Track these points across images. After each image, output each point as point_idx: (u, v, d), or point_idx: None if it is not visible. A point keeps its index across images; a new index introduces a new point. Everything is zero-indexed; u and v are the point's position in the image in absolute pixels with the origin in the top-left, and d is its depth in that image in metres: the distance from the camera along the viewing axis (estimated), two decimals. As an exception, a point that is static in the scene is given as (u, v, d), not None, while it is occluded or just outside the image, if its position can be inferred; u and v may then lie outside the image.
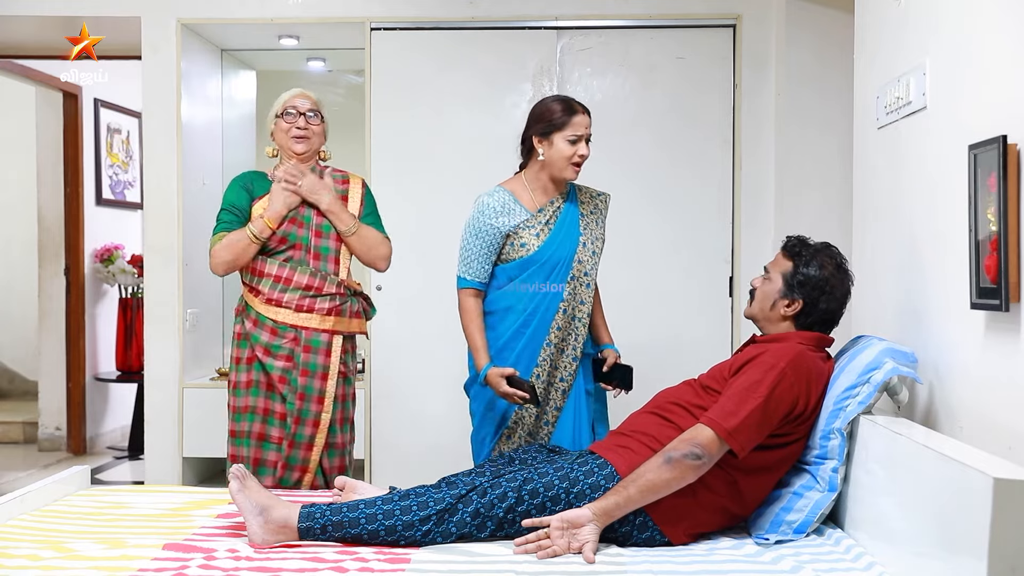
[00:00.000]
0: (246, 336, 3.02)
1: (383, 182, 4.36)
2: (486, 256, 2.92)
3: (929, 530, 1.90)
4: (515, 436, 2.94)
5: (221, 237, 2.97)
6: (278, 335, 2.99)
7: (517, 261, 2.91)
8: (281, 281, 2.99)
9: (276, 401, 3.01)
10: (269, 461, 3.01)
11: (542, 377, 2.91)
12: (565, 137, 2.87)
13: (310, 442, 2.98)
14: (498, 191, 2.96)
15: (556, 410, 2.94)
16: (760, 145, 4.29)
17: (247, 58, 5.15)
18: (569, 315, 2.92)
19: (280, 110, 3.04)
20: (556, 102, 2.92)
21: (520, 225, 2.91)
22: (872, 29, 2.92)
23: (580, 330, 2.94)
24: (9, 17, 4.53)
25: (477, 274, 2.93)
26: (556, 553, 2.18)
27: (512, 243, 2.91)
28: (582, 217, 2.98)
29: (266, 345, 2.98)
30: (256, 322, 3.00)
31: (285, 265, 2.99)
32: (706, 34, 4.35)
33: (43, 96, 5.89)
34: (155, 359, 4.51)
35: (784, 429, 2.36)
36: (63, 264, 5.89)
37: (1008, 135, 1.94)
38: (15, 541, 2.24)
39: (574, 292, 2.92)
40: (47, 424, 5.95)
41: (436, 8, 4.38)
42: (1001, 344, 2.04)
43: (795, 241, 2.58)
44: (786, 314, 2.52)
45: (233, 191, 3.04)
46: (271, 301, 2.98)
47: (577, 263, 2.93)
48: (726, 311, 4.33)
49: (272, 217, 2.95)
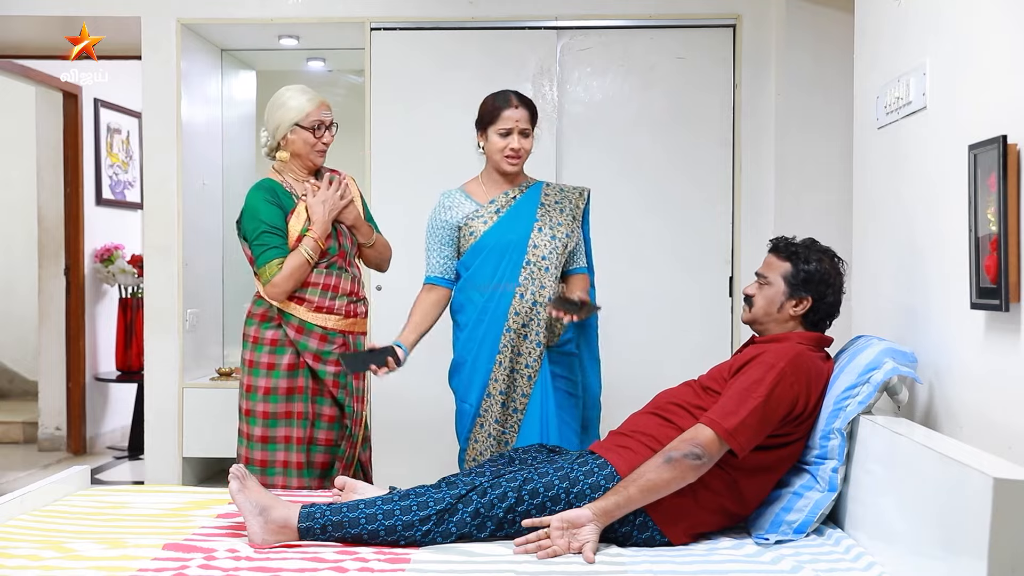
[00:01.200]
0: (286, 343, 3.00)
1: (383, 182, 4.36)
2: (441, 250, 3.04)
3: (929, 530, 1.90)
4: (486, 425, 2.96)
5: (278, 264, 2.92)
6: (328, 341, 3.00)
7: (469, 249, 3.00)
8: (330, 288, 3.00)
9: (324, 404, 3.03)
10: (316, 463, 3.05)
11: (504, 364, 2.94)
12: (496, 131, 2.97)
13: (356, 440, 3.09)
14: (452, 190, 3.11)
15: (523, 397, 2.96)
16: (760, 145, 4.29)
17: (247, 58, 5.15)
18: (528, 301, 2.93)
19: (305, 122, 2.98)
20: (492, 96, 3.02)
21: (470, 215, 3.01)
22: (872, 29, 2.92)
23: (542, 315, 2.95)
24: (9, 17, 4.53)
25: (434, 268, 3.05)
26: (556, 553, 2.18)
27: (464, 235, 3.02)
28: (540, 206, 3.03)
29: (316, 352, 2.99)
30: (301, 330, 2.98)
31: (331, 272, 3.01)
32: (706, 34, 4.34)
33: (43, 96, 5.89)
34: (155, 359, 4.51)
35: (784, 429, 2.36)
36: (63, 264, 5.89)
37: (1008, 135, 1.94)
38: (15, 541, 2.24)
39: (531, 276, 2.95)
40: (47, 424, 5.94)
41: (436, 8, 4.38)
42: (1001, 344, 2.04)
43: (783, 241, 2.60)
44: (795, 313, 2.53)
45: (266, 209, 2.96)
46: (321, 309, 2.99)
47: (532, 247, 2.96)
48: (726, 311, 4.33)
49: (322, 237, 2.96)
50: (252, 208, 2.98)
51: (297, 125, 2.99)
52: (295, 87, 3.07)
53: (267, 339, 3.01)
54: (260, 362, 3.01)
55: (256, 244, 2.95)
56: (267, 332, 3.01)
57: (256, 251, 2.96)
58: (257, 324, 3.03)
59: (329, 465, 3.06)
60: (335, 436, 3.05)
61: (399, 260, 3.43)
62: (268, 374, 3.00)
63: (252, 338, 3.03)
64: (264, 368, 3.01)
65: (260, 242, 2.94)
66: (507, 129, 2.95)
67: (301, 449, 3.00)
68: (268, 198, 2.97)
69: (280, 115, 3.01)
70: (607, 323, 3.31)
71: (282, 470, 2.99)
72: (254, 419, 3.01)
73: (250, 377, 3.03)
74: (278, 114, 3.02)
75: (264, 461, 3.00)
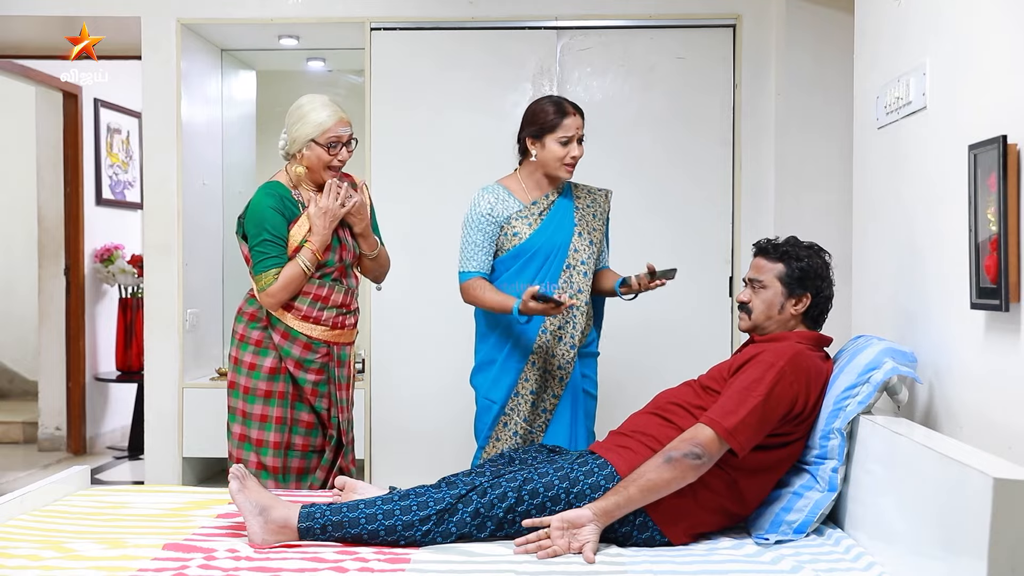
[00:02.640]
0: (270, 346, 3.00)
1: (383, 182, 4.36)
2: (485, 246, 2.97)
3: (929, 530, 1.90)
4: (511, 424, 2.96)
5: (274, 274, 2.91)
6: (312, 350, 2.99)
7: (511, 251, 2.96)
8: (320, 300, 2.99)
9: (302, 411, 3.02)
10: (292, 468, 3.03)
11: (537, 364, 2.94)
12: (556, 139, 2.93)
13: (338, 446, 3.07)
14: (493, 186, 3.04)
15: (554, 398, 2.97)
16: (760, 145, 4.29)
17: (247, 58, 5.15)
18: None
19: (321, 138, 2.91)
20: (549, 103, 2.97)
21: (514, 215, 2.97)
22: (872, 29, 2.92)
23: (578, 319, 2.96)
24: (9, 17, 4.53)
25: (479, 265, 2.97)
26: (556, 553, 2.18)
27: (506, 233, 2.97)
28: (577, 210, 3.03)
29: (298, 359, 2.98)
30: (286, 335, 2.98)
31: (324, 284, 2.99)
32: (706, 34, 4.34)
33: (43, 96, 5.89)
34: (155, 359, 4.51)
35: (784, 429, 2.36)
36: (63, 264, 5.89)
37: (1008, 135, 1.94)
38: (15, 541, 2.24)
39: (570, 280, 2.96)
40: (47, 424, 5.95)
41: (436, 8, 4.38)
42: (1001, 344, 2.04)
43: (767, 244, 2.60)
44: (796, 312, 2.53)
45: (271, 217, 2.93)
46: (308, 318, 2.98)
47: (573, 252, 2.97)
48: (726, 311, 4.33)
49: (320, 248, 2.93)
50: (257, 213, 2.94)
51: (313, 141, 2.93)
52: (318, 99, 2.98)
53: (253, 339, 3.01)
54: (244, 360, 3.01)
55: (256, 250, 2.94)
56: (253, 332, 3.01)
57: (255, 257, 2.94)
58: (246, 323, 3.03)
59: (304, 471, 3.05)
60: (312, 443, 3.04)
61: (399, 261, 3.44)
62: (249, 374, 3.01)
63: (239, 336, 3.03)
64: (246, 368, 3.01)
65: (260, 249, 2.93)
66: (568, 137, 2.93)
67: (278, 454, 3.00)
68: (274, 205, 2.94)
69: (298, 129, 2.94)
70: (607, 323, 3.31)
71: (253, 471, 2.96)
72: (233, 416, 3.03)
73: (233, 374, 3.04)
74: (296, 127, 2.95)
75: (239, 460, 3.01)
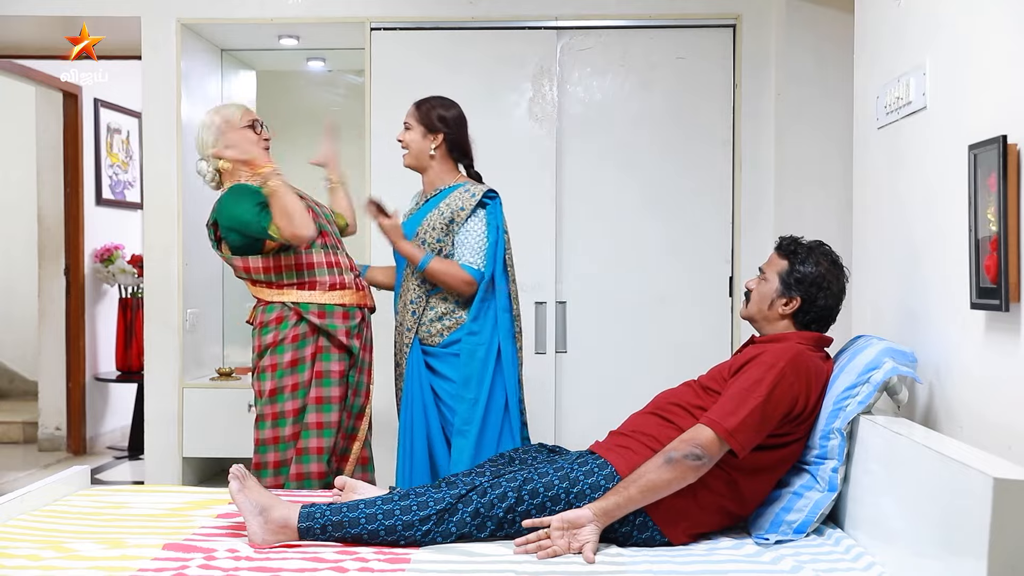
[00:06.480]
0: (307, 334, 3.01)
1: (383, 182, 4.35)
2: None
3: (929, 530, 1.90)
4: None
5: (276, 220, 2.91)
6: (350, 317, 3.06)
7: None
8: (334, 265, 3.06)
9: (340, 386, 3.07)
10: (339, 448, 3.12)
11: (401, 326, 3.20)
12: None
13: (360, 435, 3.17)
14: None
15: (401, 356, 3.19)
16: (760, 145, 4.29)
17: (247, 58, 5.15)
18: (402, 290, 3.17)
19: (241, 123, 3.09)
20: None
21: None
22: (872, 29, 2.92)
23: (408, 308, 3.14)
24: (9, 17, 4.53)
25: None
26: (556, 553, 2.18)
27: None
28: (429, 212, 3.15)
29: (347, 328, 3.04)
30: (322, 314, 3.01)
31: (327, 251, 3.07)
32: (706, 34, 4.34)
33: (43, 96, 5.89)
34: (155, 359, 4.51)
35: (784, 429, 2.36)
36: (63, 264, 5.89)
37: (1008, 135, 1.94)
38: (15, 541, 2.24)
39: (406, 276, 3.17)
40: (47, 424, 5.95)
41: (436, 8, 4.38)
42: (1001, 344, 2.04)
43: (788, 240, 2.59)
44: (784, 312, 2.52)
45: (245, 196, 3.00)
46: (335, 286, 3.04)
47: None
48: (726, 311, 4.33)
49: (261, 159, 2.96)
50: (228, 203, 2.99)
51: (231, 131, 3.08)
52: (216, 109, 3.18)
53: (288, 338, 3.02)
54: (283, 363, 3.02)
55: (251, 221, 2.92)
56: (287, 331, 3.02)
57: (253, 226, 2.92)
58: (275, 328, 3.03)
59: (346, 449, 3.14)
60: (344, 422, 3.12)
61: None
62: (294, 371, 3.02)
63: (271, 343, 3.03)
64: (288, 367, 3.02)
65: (251, 217, 2.92)
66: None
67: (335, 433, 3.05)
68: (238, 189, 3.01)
69: (208, 131, 3.09)
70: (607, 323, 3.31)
71: (316, 456, 3.00)
72: (283, 420, 3.02)
73: (274, 381, 3.02)
74: (207, 130, 3.10)
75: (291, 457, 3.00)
